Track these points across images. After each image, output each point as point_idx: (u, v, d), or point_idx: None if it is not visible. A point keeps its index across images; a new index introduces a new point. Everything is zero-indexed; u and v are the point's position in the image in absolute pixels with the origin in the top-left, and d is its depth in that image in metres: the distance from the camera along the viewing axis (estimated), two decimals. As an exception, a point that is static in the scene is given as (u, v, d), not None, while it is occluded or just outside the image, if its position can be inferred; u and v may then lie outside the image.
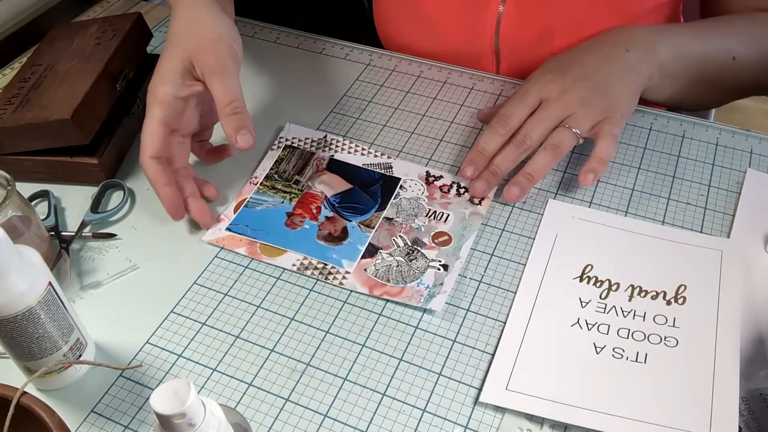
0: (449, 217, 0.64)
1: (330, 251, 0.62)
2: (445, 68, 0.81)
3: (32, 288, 0.48)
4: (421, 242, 0.62)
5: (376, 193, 0.67)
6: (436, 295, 0.58)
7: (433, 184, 0.67)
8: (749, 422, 0.50)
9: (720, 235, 0.62)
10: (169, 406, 0.35)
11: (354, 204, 0.66)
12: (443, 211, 0.65)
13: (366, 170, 0.69)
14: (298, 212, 0.66)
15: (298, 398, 0.53)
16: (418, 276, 0.60)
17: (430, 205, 0.65)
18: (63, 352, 0.52)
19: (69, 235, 0.65)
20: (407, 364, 0.55)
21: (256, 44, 0.87)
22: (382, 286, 0.59)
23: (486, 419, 0.51)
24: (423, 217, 0.64)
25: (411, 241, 0.62)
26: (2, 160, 0.69)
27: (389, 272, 0.60)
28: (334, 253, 0.62)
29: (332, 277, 0.60)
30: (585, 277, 0.59)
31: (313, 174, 0.69)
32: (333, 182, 0.68)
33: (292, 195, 0.67)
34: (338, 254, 0.62)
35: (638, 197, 0.65)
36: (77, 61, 0.72)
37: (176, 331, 0.58)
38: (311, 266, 0.61)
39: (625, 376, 0.52)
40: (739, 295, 0.57)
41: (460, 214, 0.64)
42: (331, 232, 0.63)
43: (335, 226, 0.64)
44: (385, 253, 0.62)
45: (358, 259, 0.61)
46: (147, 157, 0.61)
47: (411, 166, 0.69)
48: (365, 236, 0.63)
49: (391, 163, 0.69)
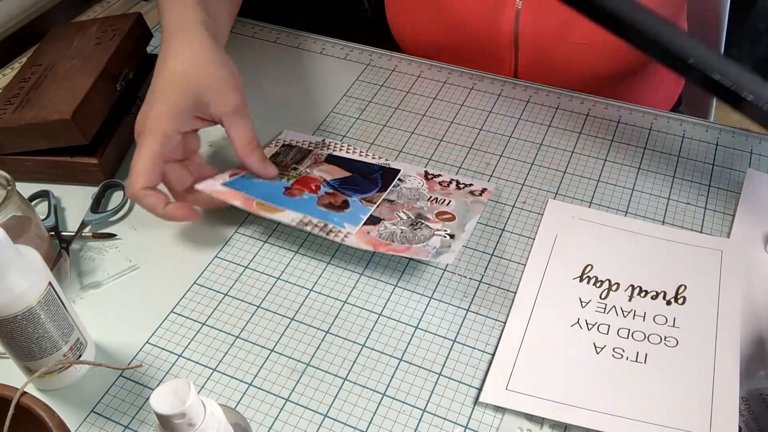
0: (451, 202, 0.64)
1: (331, 215, 0.61)
2: (445, 68, 0.81)
3: (32, 288, 0.48)
4: (425, 217, 0.61)
5: (376, 180, 0.66)
6: (445, 253, 0.57)
7: (433, 180, 0.67)
8: (749, 422, 0.50)
9: (720, 235, 0.62)
10: (169, 406, 0.35)
11: (354, 186, 0.65)
12: (445, 198, 0.64)
13: (365, 162, 0.69)
14: (296, 187, 0.64)
15: (298, 398, 0.53)
16: (423, 241, 0.59)
17: (430, 194, 0.65)
18: (63, 352, 0.52)
19: (69, 235, 0.65)
20: (407, 364, 0.55)
21: (256, 44, 0.87)
22: (387, 244, 0.58)
23: (486, 419, 0.51)
24: (425, 201, 0.64)
25: (414, 216, 0.61)
26: (2, 160, 0.69)
27: (393, 237, 0.59)
28: (335, 217, 0.61)
29: (333, 234, 0.59)
30: (585, 277, 0.59)
31: (312, 164, 0.68)
32: (332, 170, 0.68)
33: (290, 177, 0.66)
34: (340, 218, 0.61)
35: (638, 197, 0.66)
36: (77, 61, 0.72)
37: (176, 331, 0.58)
38: (311, 223, 0.60)
39: (625, 376, 0.52)
40: (739, 295, 0.57)
41: (462, 201, 0.64)
42: (332, 202, 0.62)
43: (335, 199, 0.63)
44: (389, 222, 0.61)
45: (360, 225, 0.61)
46: (139, 188, 0.59)
47: (410, 167, 0.69)
48: (367, 209, 0.62)
49: (389, 164, 0.69)
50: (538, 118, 0.74)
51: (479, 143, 0.72)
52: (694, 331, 0.55)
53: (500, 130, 0.73)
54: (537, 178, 0.68)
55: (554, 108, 0.75)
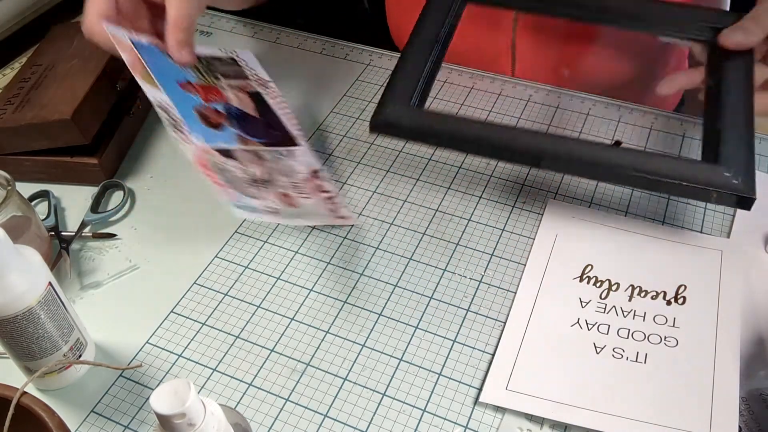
0: (308, 198, 0.61)
1: (194, 123, 0.58)
2: (444, 68, 0.81)
3: (32, 288, 0.48)
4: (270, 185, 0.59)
5: (271, 135, 0.64)
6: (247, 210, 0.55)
7: (314, 177, 0.64)
8: (749, 422, 0.50)
9: (720, 235, 0.62)
10: (169, 406, 0.35)
11: (247, 125, 0.63)
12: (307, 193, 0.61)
13: (279, 118, 0.67)
14: (196, 86, 0.61)
15: (298, 398, 0.53)
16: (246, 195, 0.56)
17: (299, 182, 0.62)
18: (63, 352, 0.52)
19: (69, 235, 0.65)
20: (407, 364, 0.55)
21: (256, 44, 0.87)
22: (209, 170, 0.56)
23: (486, 419, 0.51)
24: (288, 179, 0.61)
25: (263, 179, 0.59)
26: (2, 160, 0.69)
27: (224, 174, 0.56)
28: (195, 125, 0.58)
29: (177, 133, 0.56)
30: (585, 277, 0.59)
31: (235, 86, 0.65)
32: (245, 102, 0.65)
33: (203, 79, 0.63)
34: (197, 129, 0.58)
35: (638, 197, 0.65)
36: (77, 61, 0.72)
37: (176, 331, 0.58)
38: (168, 112, 0.57)
39: (625, 376, 0.52)
40: (739, 295, 0.57)
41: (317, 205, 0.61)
42: (209, 117, 0.60)
43: (215, 117, 0.60)
44: (237, 166, 0.58)
45: (207, 145, 0.58)
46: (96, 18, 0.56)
47: (311, 158, 0.66)
48: (231, 142, 0.59)
49: (299, 140, 0.67)
50: (539, 117, 0.74)
51: (479, 143, 0.72)
52: (694, 331, 0.55)
53: (500, 130, 0.73)
54: (537, 178, 0.68)
55: (554, 107, 0.75)
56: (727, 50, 0.60)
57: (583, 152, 0.55)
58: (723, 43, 0.60)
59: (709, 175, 0.53)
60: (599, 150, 0.55)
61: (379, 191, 0.68)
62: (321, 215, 0.62)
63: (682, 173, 0.53)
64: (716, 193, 0.52)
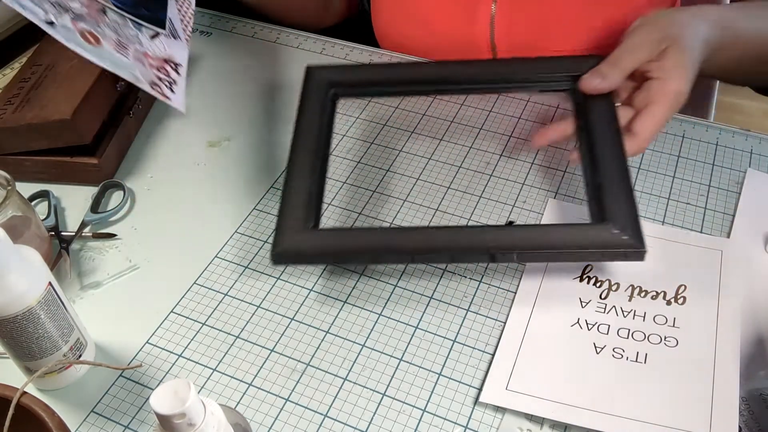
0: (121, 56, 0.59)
1: None
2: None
3: (32, 288, 0.48)
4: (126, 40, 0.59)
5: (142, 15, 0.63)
6: None
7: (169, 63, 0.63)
8: (749, 422, 0.50)
9: (720, 235, 0.62)
10: (169, 406, 0.35)
11: None
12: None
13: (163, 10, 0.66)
14: None
15: (298, 398, 0.53)
16: None
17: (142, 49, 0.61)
18: (63, 352, 0.52)
19: (69, 235, 0.65)
20: (407, 364, 0.55)
21: (256, 44, 0.87)
22: None
23: (486, 419, 0.51)
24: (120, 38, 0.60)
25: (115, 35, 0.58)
26: (2, 160, 0.69)
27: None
28: None
29: None
30: (585, 277, 0.59)
31: None
32: None
33: None
34: None
35: (638, 197, 0.65)
36: (77, 61, 0.72)
37: (176, 331, 0.58)
38: None
39: (625, 376, 0.52)
40: (739, 295, 0.57)
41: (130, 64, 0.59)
42: None
43: None
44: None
45: None
46: None
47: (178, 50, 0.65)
48: None
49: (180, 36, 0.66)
50: (538, 117, 0.74)
51: (479, 142, 0.72)
52: (694, 331, 0.55)
53: (500, 129, 0.73)
54: (537, 178, 0.68)
55: (554, 107, 0.75)
56: (589, 96, 0.61)
57: (474, 241, 0.55)
58: (582, 88, 0.61)
59: (599, 237, 0.53)
60: (492, 234, 0.55)
61: (379, 191, 0.68)
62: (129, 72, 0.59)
63: (576, 241, 0.54)
64: (609, 253, 0.53)
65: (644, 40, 0.60)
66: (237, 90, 0.81)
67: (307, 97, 0.65)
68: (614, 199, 0.55)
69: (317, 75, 0.66)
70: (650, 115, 0.58)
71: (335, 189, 0.68)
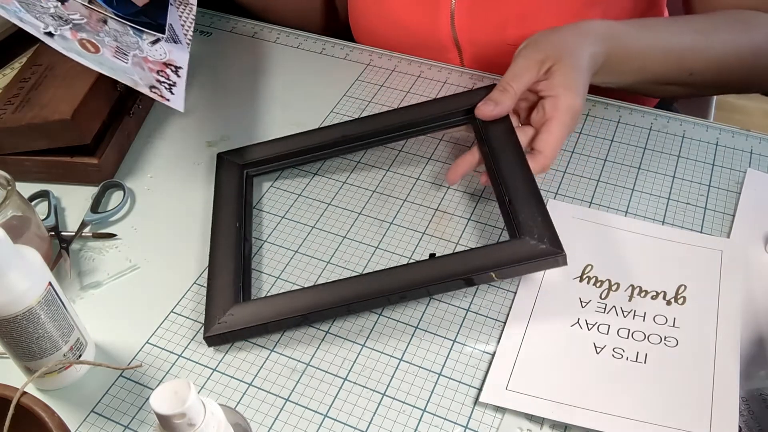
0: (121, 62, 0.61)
1: None
2: (444, 68, 0.81)
3: (32, 288, 0.48)
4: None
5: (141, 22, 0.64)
6: None
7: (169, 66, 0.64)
8: (749, 422, 0.50)
9: (720, 235, 0.62)
10: (169, 406, 0.35)
11: None
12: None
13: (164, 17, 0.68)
14: None
15: (298, 398, 0.53)
16: None
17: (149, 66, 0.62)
18: (63, 352, 0.52)
19: (69, 235, 0.65)
20: (407, 364, 0.55)
21: (256, 44, 0.87)
22: None
23: (486, 419, 0.51)
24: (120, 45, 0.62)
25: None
26: (2, 160, 0.69)
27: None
28: None
29: None
30: (585, 277, 0.59)
31: None
32: None
33: None
34: None
35: (638, 197, 0.65)
36: (77, 61, 0.72)
37: (176, 331, 0.58)
38: None
39: (625, 376, 0.52)
40: (739, 295, 0.57)
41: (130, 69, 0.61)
42: None
43: None
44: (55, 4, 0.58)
45: None
46: None
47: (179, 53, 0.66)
48: None
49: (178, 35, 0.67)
50: (538, 118, 0.74)
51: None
52: (694, 331, 0.55)
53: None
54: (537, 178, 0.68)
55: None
56: (488, 123, 0.64)
57: (398, 281, 0.56)
58: (478, 116, 0.64)
59: (520, 251, 0.55)
60: (413, 271, 0.56)
61: (379, 191, 0.68)
62: (128, 76, 0.60)
63: (499, 259, 0.55)
64: (533, 264, 0.55)
65: (528, 63, 0.63)
66: (236, 90, 0.81)
67: (222, 182, 0.67)
68: (527, 213, 0.57)
69: (227, 161, 0.69)
70: (548, 132, 0.61)
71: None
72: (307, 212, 0.67)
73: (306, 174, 0.70)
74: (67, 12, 0.59)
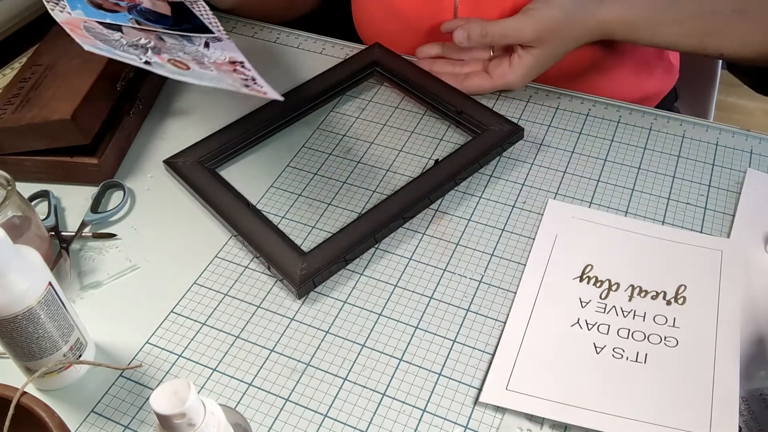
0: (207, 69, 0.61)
1: (84, 4, 0.58)
2: (445, 68, 0.81)
3: (32, 288, 0.48)
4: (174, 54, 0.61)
5: (179, 22, 0.64)
6: None
7: (234, 64, 0.63)
8: (749, 422, 0.50)
9: (720, 235, 0.62)
10: (169, 406, 0.35)
11: (149, 16, 0.63)
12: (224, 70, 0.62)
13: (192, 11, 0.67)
14: None
15: (298, 398, 0.53)
16: None
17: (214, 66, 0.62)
18: (63, 352, 0.52)
19: (69, 235, 0.65)
20: (407, 364, 0.55)
21: (256, 44, 0.87)
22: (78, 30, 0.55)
23: (486, 419, 0.51)
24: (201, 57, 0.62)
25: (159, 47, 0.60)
26: (2, 160, 0.69)
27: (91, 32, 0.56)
28: (78, 3, 0.58)
29: (52, 4, 0.56)
30: (585, 277, 0.59)
31: None
32: (160, 6, 0.65)
33: None
34: (81, 6, 0.57)
35: (638, 197, 0.66)
36: (77, 61, 0.72)
37: (176, 331, 0.58)
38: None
39: (625, 376, 0.52)
40: (739, 295, 0.57)
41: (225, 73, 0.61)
42: (104, 5, 0.60)
43: (112, 6, 0.60)
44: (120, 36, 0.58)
45: (90, 18, 0.58)
46: None
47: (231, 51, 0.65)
48: (124, 21, 0.59)
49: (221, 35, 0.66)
50: (538, 118, 0.74)
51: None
52: (694, 331, 0.55)
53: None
54: (537, 178, 0.68)
55: (554, 108, 0.75)
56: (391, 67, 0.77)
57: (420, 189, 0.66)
58: (454, 36, 0.72)
59: (488, 140, 0.69)
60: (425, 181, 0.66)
61: (379, 191, 0.68)
62: (226, 83, 0.60)
63: (481, 150, 0.68)
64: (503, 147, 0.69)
65: (519, 33, 0.70)
66: (237, 90, 0.81)
67: (195, 178, 0.68)
68: (478, 114, 0.71)
69: (180, 162, 0.70)
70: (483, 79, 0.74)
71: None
72: (307, 212, 0.67)
73: (306, 174, 0.71)
74: (131, 39, 0.59)
